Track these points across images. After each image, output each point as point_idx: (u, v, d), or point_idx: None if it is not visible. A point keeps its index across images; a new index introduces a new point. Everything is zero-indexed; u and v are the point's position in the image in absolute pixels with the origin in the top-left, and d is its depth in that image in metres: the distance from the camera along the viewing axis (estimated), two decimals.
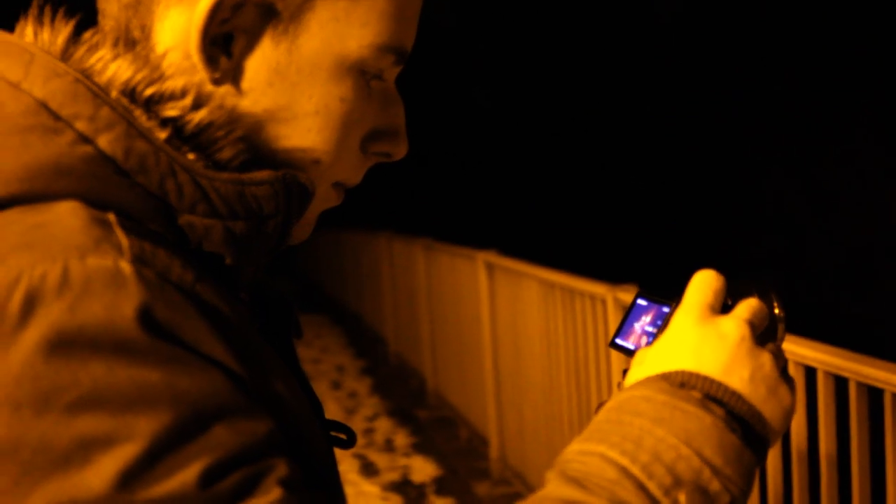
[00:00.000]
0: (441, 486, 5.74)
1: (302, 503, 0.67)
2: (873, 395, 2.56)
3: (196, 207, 0.76)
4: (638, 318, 0.95)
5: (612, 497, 0.72)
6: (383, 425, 7.18)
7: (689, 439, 0.75)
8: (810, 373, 2.76)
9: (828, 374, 2.68)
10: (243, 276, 0.83)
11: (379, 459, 6.32)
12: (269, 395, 0.73)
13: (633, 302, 0.97)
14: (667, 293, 0.92)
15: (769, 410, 0.81)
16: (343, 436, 0.99)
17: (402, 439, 6.76)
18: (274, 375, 0.75)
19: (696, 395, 0.78)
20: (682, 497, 0.72)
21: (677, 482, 0.73)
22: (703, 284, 0.88)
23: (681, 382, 0.80)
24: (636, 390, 0.80)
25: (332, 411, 7.72)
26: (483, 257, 6.00)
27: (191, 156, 0.78)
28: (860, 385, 2.58)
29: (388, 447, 6.61)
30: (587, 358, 4.36)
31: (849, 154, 22.51)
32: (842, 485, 2.70)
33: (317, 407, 0.93)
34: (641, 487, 0.72)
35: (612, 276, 4.16)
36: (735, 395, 0.80)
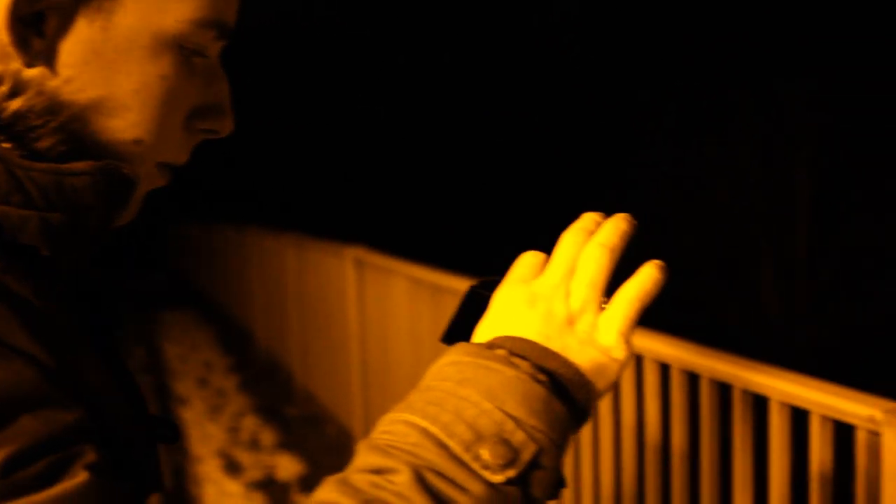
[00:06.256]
0: (307, 484, 5.69)
1: (109, 489, 0.67)
2: (724, 391, 2.65)
3: (10, 198, 0.75)
4: (471, 311, 0.94)
5: (412, 459, 0.72)
6: (250, 423, 7.09)
7: (492, 394, 0.75)
8: (664, 369, 2.83)
9: (681, 370, 2.76)
10: (61, 267, 0.81)
11: (244, 458, 6.23)
12: (78, 385, 0.72)
13: (467, 295, 0.95)
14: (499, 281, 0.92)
15: (586, 361, 0.82)
16: (166, 432, 0.97)
17: (268, 437, 6.68)
18: (85, 367, 0.74)
19: (502, 352, 0.79)
20: (483, 451, 0.73)
21: (479, 437, 0.73)
22: (518, 261, 0.90)
23: (489, 344, 0.81)
24: (444, 358, 0.81)
25: (198, 409, 7.60)
26: (351, 253, 5.97)
27: (6, 145, 0.76)
28: (712, 381, 2.66)
29: (254, 445, 6.53)
30: None
31: (724, 147, 23.15)
32: (692, 477, 2.78)
33: (139, 401, 0.91)
34: (442, 446, 0.73)
35: (483, 270, 4.17)
36: (540, 348, 0.81)
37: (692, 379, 2.74)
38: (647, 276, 0.85)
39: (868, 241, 22.70)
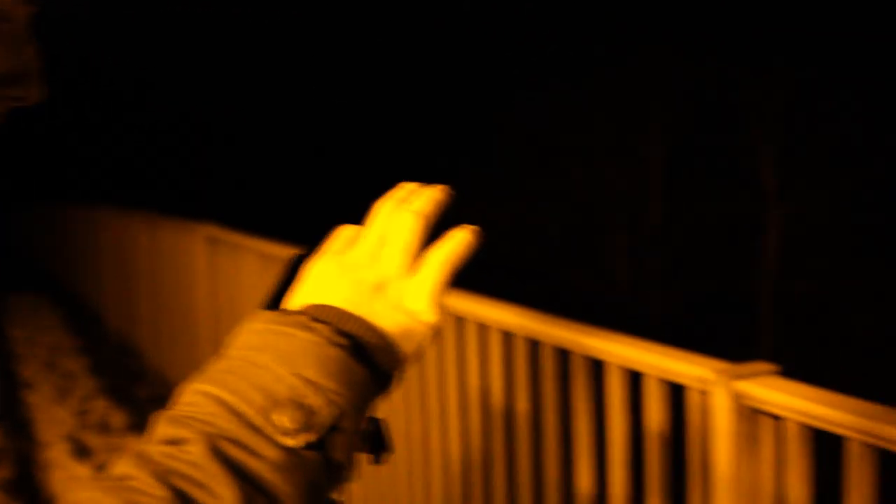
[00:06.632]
0: None
1: None
2: (564, 356, 2.71)
3: None
4: (293, 280, 0.93)
5: (207, 429, 0.72)
6: (99, 406, 6.91)
7: (288, 360, 0.75)
8: (508, 337, 2.89)
9: (524, 338, 2.81)
10: None
11: (93, 441, 6.08)
12: None
13: (289, 264, 0.94)
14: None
15: (393, 325, 0.82)
16: None
17: (118, 419, 6.53)
18: None
19: (301, 318, 0.78)
20: (279, 416, 0.72)
21: (275, 403, 0.73)
22: (334, 235, 0.90)
23: (290, 311, 0.81)
24: (245, 326, 0.80)
25: (46, 392, 7.37)
26: (203, 231, 5.88)
27: None
28: (553, 347, 2.72)
29: (104, 428, 6.37)
30: None
31: (578, 117, 23.55)
32: (536, 439, 2.84)
33: None
34: (237, 414, 0.73)
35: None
36: (341, 312, 0.81)
37: (534, 346, 2.80)
38: (458, 240, 0.85)
39: (718, 214, 23.55)
